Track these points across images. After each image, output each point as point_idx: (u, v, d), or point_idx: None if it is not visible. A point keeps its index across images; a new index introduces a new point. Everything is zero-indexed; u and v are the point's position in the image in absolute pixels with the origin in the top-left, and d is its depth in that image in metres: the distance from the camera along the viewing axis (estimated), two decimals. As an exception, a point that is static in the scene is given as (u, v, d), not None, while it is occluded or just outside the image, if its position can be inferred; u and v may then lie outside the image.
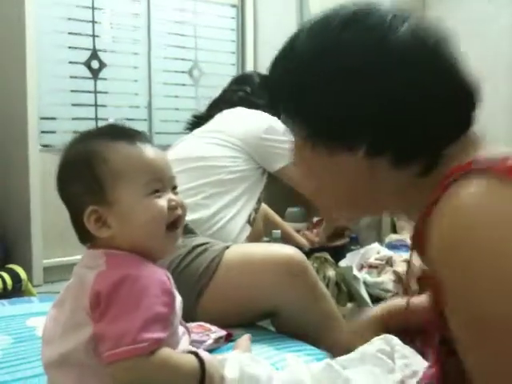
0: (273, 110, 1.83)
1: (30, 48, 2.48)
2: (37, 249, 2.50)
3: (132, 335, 0.69)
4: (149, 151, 0.81)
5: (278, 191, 1.97)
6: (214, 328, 1.18)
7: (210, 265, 1.30)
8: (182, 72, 3.09)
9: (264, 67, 0.74)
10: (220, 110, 1.82)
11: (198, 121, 1.86)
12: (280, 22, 3.14)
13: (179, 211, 0.82)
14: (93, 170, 0.78)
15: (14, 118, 2.63)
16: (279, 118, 1.74)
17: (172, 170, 0.85)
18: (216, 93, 1.97)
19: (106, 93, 2.81)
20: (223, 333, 1.18)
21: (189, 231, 1.43)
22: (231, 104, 1.83)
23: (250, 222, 1.66)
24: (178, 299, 0.81)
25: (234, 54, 3.26)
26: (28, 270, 2.28)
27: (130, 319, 0.70)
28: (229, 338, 1.19)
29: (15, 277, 2.09)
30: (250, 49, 3.25)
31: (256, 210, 1.72)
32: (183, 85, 3.09)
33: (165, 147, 3.04)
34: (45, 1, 2.58)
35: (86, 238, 0.81)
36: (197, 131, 1.77)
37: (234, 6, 3.23)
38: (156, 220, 0.79)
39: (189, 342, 0.84)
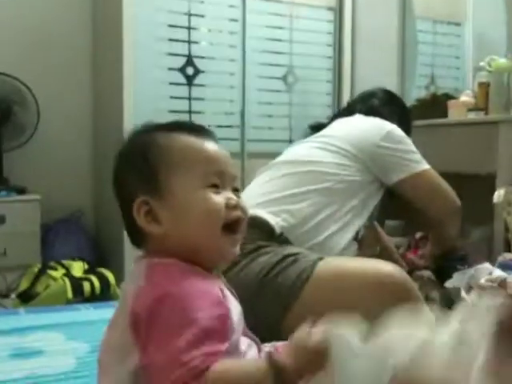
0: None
1: (127, 54, 2.51)
2: (129, 253, 2.51)
3: (180, 359, 0.59)
4: (210, 144, 0.74)
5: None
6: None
7: (299, 277, 1.19)
8: (277, 78, 3.02)
9: (362, 72, 0.61)
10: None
11: (315, 131, 1.69)
12: (380, 24, 2.97)
13: (239, 212, 0.72)
14: (147, 158, 0.72)
15: (110, 124, 2.68)
16: (405, 130, 1.49)
17: (234, 170, 0.76)
18: (310, 99, 1.84)
19: (200, 99, 2.80)
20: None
21: (283, 240, 1.32)
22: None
23: (358, 239, 1.48)
24: (237, 310, 0.71)
25: (330, 58, 3.14)
26: (119, 275, 2.28)
27: (176, 342, 0.60)
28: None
29: (104, 281, 2.09)
30: (348, 53, 3.11)
31: (366, 226, 1.55)
32: (277, 91, 3.02)
33: (257, 154, 2.95)
34: (144, 7, 2.61)
35: (137, 238, 0.73)
36: (309, 138, 1.62)
37: (331, 8, 3.12)
38: (211, 216, 0.70)
39: (258, 354, 0.74)
